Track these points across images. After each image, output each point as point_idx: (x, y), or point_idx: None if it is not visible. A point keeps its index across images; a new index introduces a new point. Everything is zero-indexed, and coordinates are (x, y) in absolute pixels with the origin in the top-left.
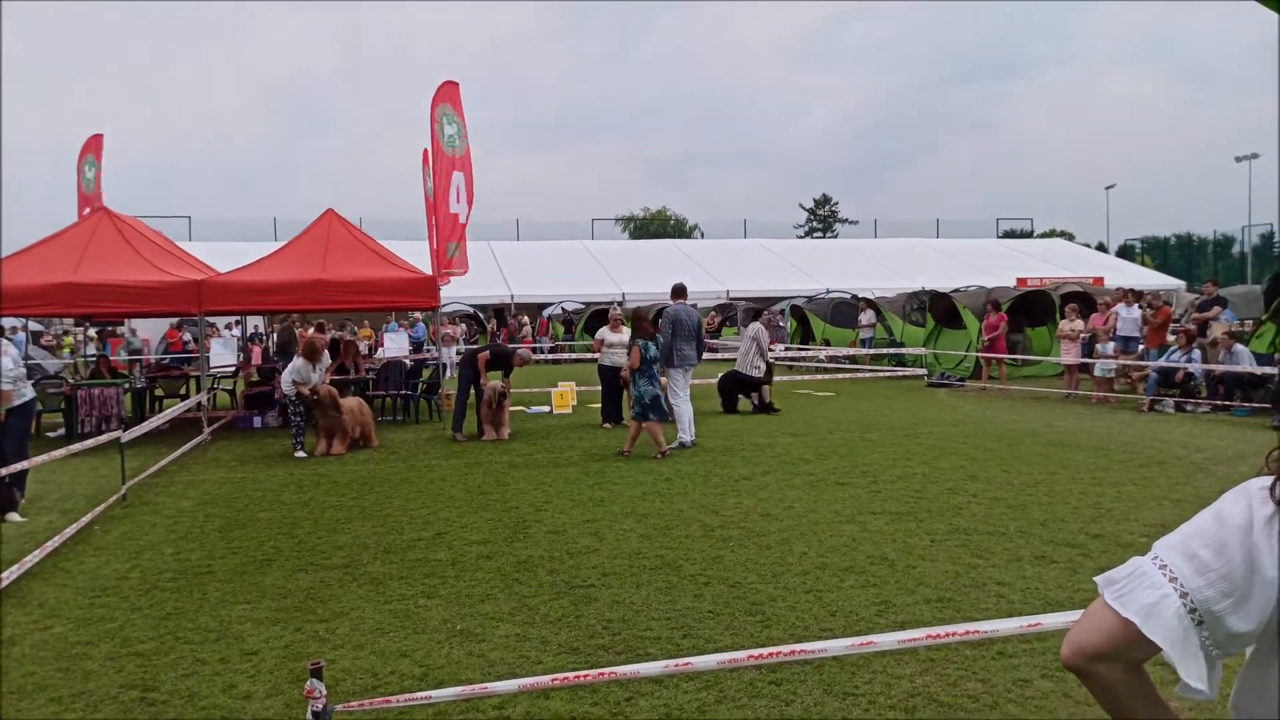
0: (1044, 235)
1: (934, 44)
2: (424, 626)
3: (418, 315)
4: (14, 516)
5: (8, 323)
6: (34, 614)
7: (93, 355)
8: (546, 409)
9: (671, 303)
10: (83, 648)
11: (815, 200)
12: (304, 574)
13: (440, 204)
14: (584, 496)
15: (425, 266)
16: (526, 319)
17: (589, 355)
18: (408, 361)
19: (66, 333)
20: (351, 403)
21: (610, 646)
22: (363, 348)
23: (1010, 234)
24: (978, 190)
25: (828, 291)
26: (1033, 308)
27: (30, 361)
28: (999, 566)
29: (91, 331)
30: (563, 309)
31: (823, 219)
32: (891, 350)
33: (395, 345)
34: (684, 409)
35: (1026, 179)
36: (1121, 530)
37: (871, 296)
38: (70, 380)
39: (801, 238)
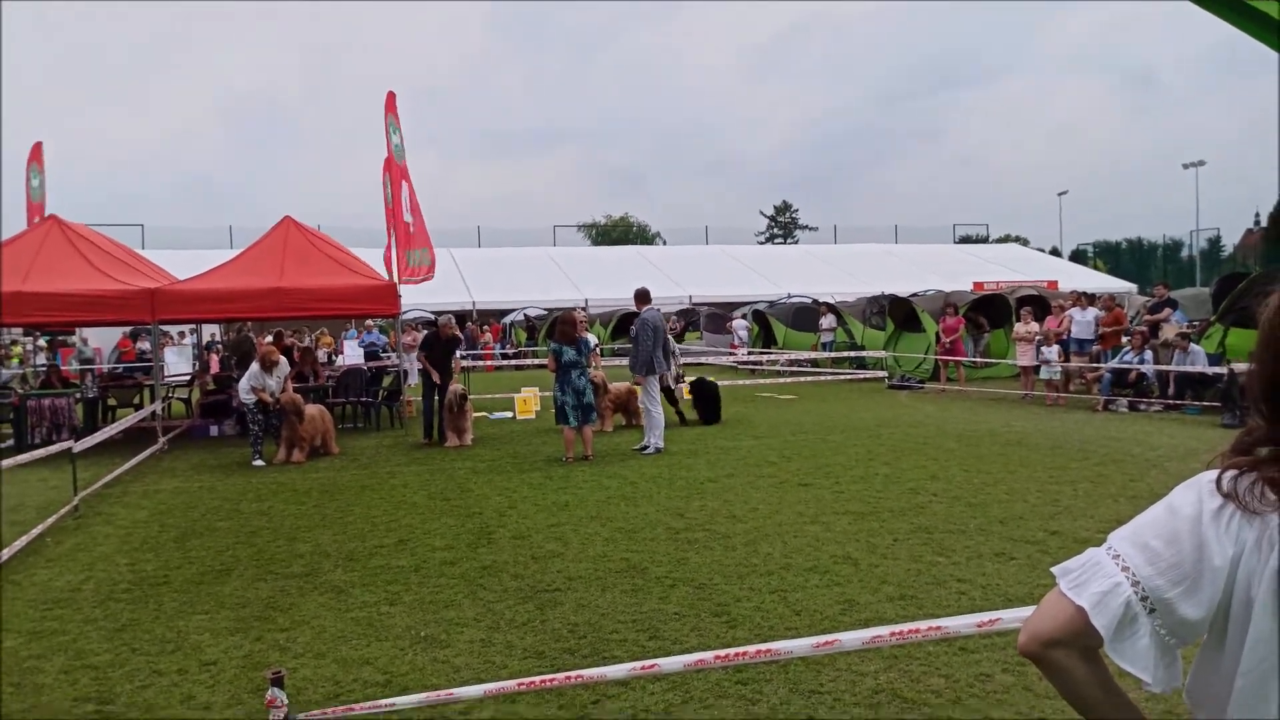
0: (999, 240)
1: (889, 56)
2: (387, 634)
3: (370, 322)
4: None
5: None
6: None
7: (43, 365)
8: (509, 414)
9: (639, 309)
10: (34, 661)
11: (776, 207)
12: (263, 583)
13: (398, 211)
14: (548, 501)
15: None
16: (486, 327)
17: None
18: (367, 368)
19: (15, 342)
20: (312, 410)
21: (576, 650)
22: (322, 355)
23: (966, 239)
24: (934, 197)
25: (789, 296)
26: (988, 311)
27: None
28: (960, 564)
29: (42, 341)
30: (525, 315)
31: (784, 226)
32: (852, 353)
33: (355, 353)
34: (658, 415)
35: (981, 186)
36: (1079, 526)
37: (832, 301)
38: (19, 390)
39: (763, 244)
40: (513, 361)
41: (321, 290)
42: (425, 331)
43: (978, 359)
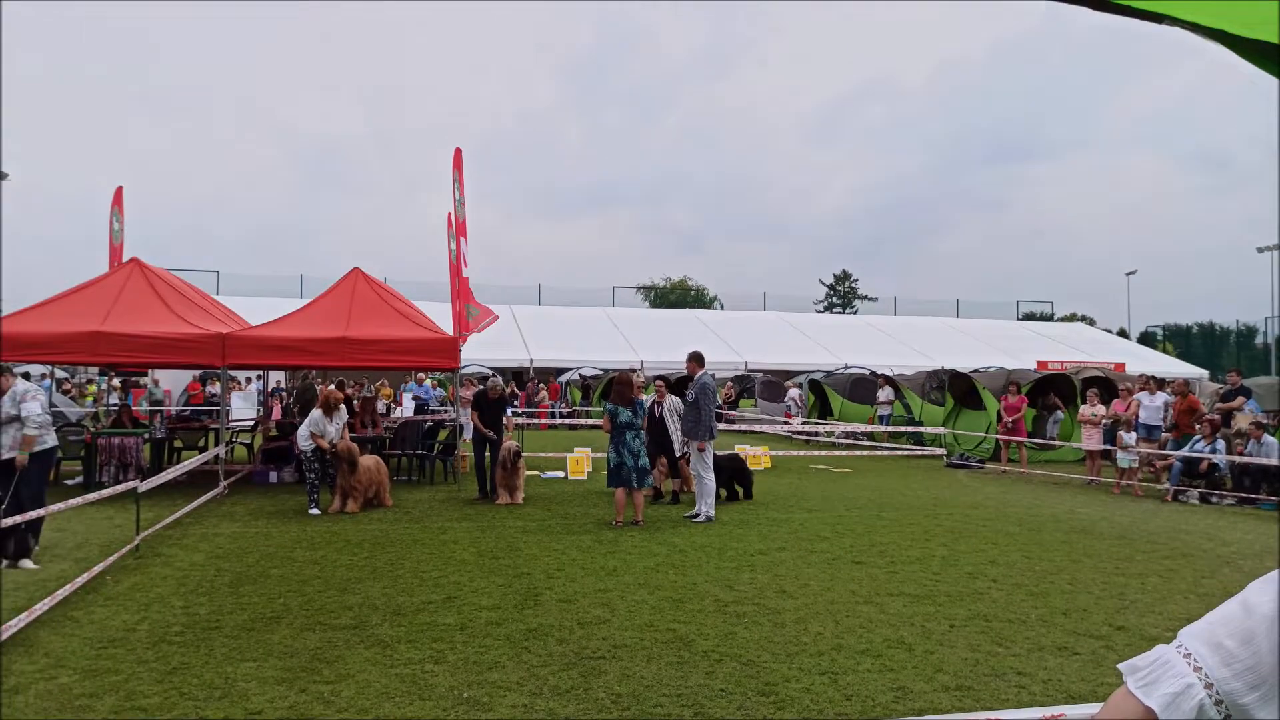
0: (1065, 319)
1: (952, 124)
2: (430, 693)
3: (421, 375)
4: (27, 563)
5: (35, 370)
6: (40, 663)
7: (115, 404)
8: (561, 474)
9: (694, 372)
10: (87, 699)
11: (835, 276)
12: (312, 633)
13: (460, 266)
14: (596, 565)
15: (449, 327)
16: (544, 384)
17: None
18: (425, 421)
19: (90, 381)
20: (368, 461)
21: None
22: (381, 406)
23: (1030, 316)
24: (998, 272)
25: (846, 367)
26: (1052, 392)
27: (53, 409)
28: (1020, 655)
29: (115, 381)
30: (580, 375)
31: (842, 295)
32: (910, 429)
33: (413, 405)
34: (710, 482)
35: (1047, 262)
36: (1146, 623)
37: (890, 374)
38: (91, 428)
39: (821, 312)
40: (566, 421)
41: (385, 341)
42: (478, 387)
43: (1051, 440)
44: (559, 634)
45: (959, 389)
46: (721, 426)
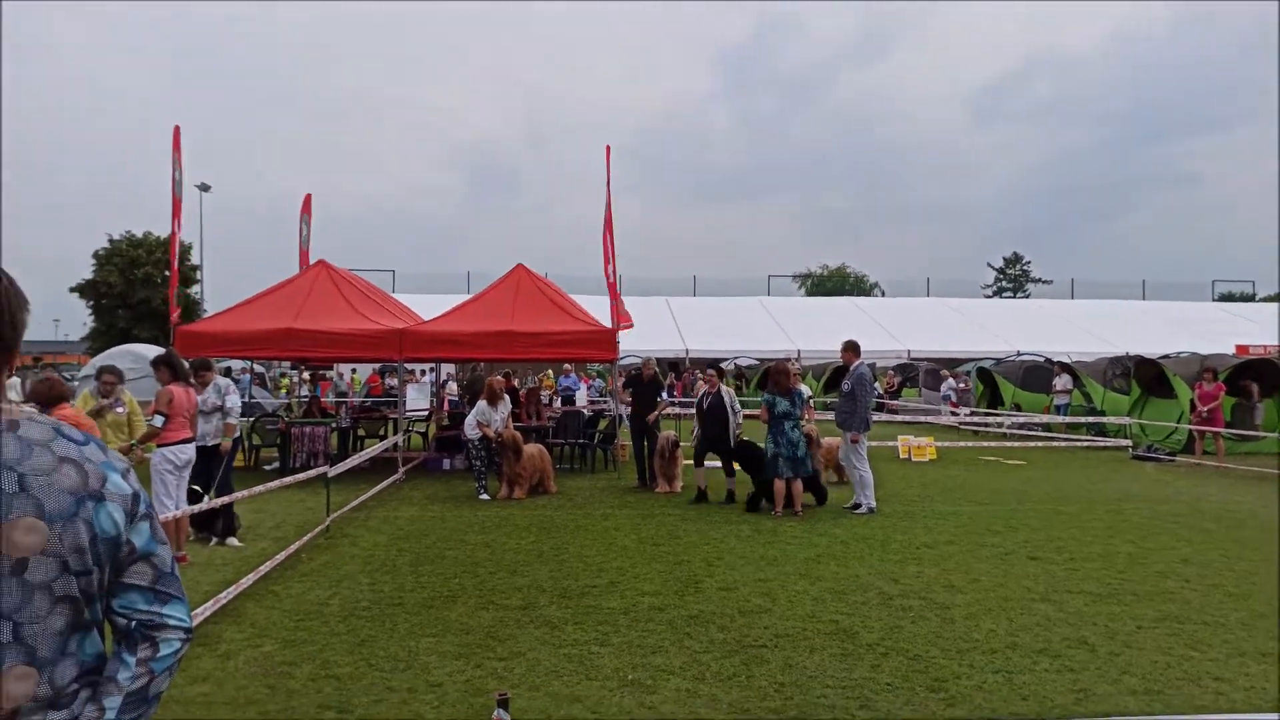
0: (1267, 299)
1: (1130, 96)
2: (597, 673)
3: (567, 367)
4: (233, 541)
5: (236, 364)
6: (247, 632)
7: (306, 396)
8: (718, 464)
9: (850, 362)
10: (287, 667)
11: (1005, 259)
12: (485, 612)
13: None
14: (756, 554)
15: (605, 319)
16: (699, 373)
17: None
18: (586, 411)
19: (284, 374)
20: (532, 449)
21: (782, 711)
22: (544, 397)
23: (1227, 297)
24: (1188, 251)
25: (1019, 354)
26: (1254, 379)
27: (252, 400)
28: (1218, 660)
29: (305, 374)
30: (735, 365)
31: (1013, 278)
32: (1091, 419)
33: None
34: (868, 474)
35: (1245, 239)
36: None
37: (1067, 360)
38: (286, 418)
39: (989, 297)
40: None
41: (548, 334)
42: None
43: (1254, 431)
44: (720, 621)
45: (1146, 376)
46: (883, 417)
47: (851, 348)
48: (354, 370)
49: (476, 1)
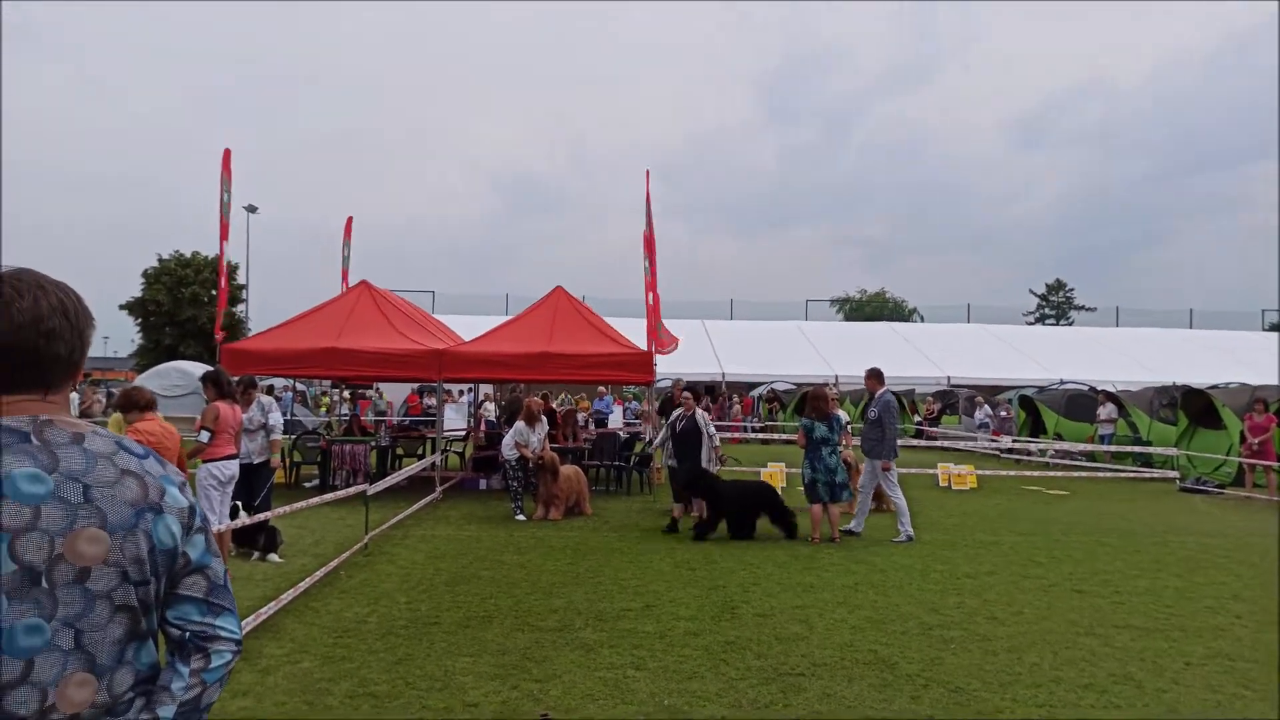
0: None
1: (1175, 124)
2: (633, 698)
3: (601, 389)
4: (274, 557)
5: (279, 383)
6: (286, 647)
7: (346, 415)
8: None
9: (875, 390)
10: (325, 684)
11: (1048, 285)
12: (521, 633)
13: (653, 284)
14: (793, 581)
15: (641, 342)
16: (736, 397)
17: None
18: (621, 433)
19: (324, 393)
20: (568, 470)
21: None
22: (581, 419)
23: (1279, 327)
24: (1237, 279)
25: (1061, 382)
26: None
27: (293, 418)
28: (1271, 700)
29: (345, 393)
30: (771, 389)
31: (1056, 305)
32: (1136, 449)
33: (613, 418)
34: (902, 500)
35: None
36: None
37: (1112, 389)
38: (326, 436)
39: (1031, 324)
40: (759, 435)
41: (585, 356)
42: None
43: None
44: (756, 648)
45: (1194, 407)
46: (921, 444)
47: (875, 375)
48: (356, 391)
49: (516, 30)
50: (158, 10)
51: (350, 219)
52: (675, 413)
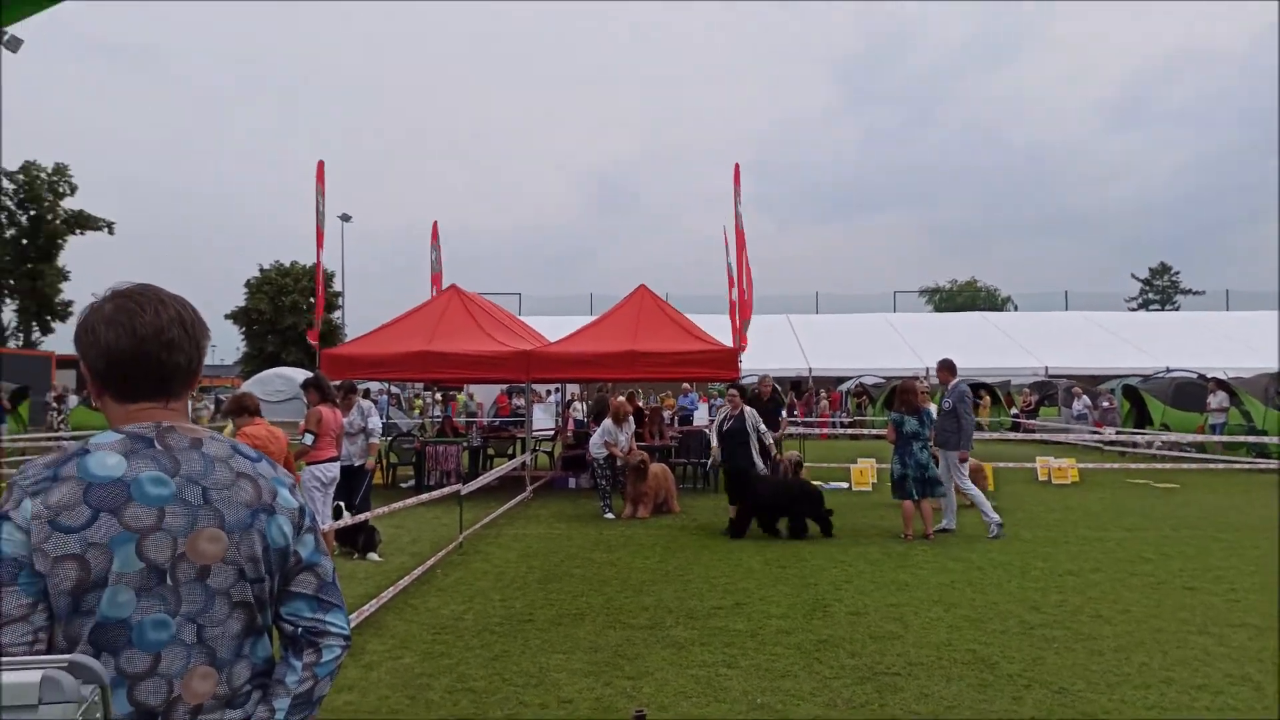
0: None
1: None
2: (725, 695)
3: (686, 386)
4: (373, 556)
5: (374, 386)
6: (388, 644)
7: (438, 417)
8: (845, 485)
9: (948, 381)
10: (426, 679)
11: (1151, 269)
12: (613, 630)
13: (739, 279)
14: (886, 579)
15: (723, 339)
16: (824, 392)
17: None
18: (707, 431)
19: (417, 396)
20: (656, 469)
21: None
22: (666, 416)
23: None
24: None
25: (1168, 370)
26: None
27: (388, 420)
28: None
29: (438, 395)
30: (860, 384)
31: (1160, 290)
32: (1250, 439)
33: (699, 416)
34: (975, 490)
35: None
36: None
37: (1223, 377)
38: (420, 438)
39: (1134, 310)
40: (847, 430)
41: (671, 354)
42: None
43: None
44: (850, 647)
45: None
46: (1018, 437)
47: (948, 366)
48: (448, 393)
49: (591, 33)
50: (251, 30)
51: (435, 224)
52: (722, 412)
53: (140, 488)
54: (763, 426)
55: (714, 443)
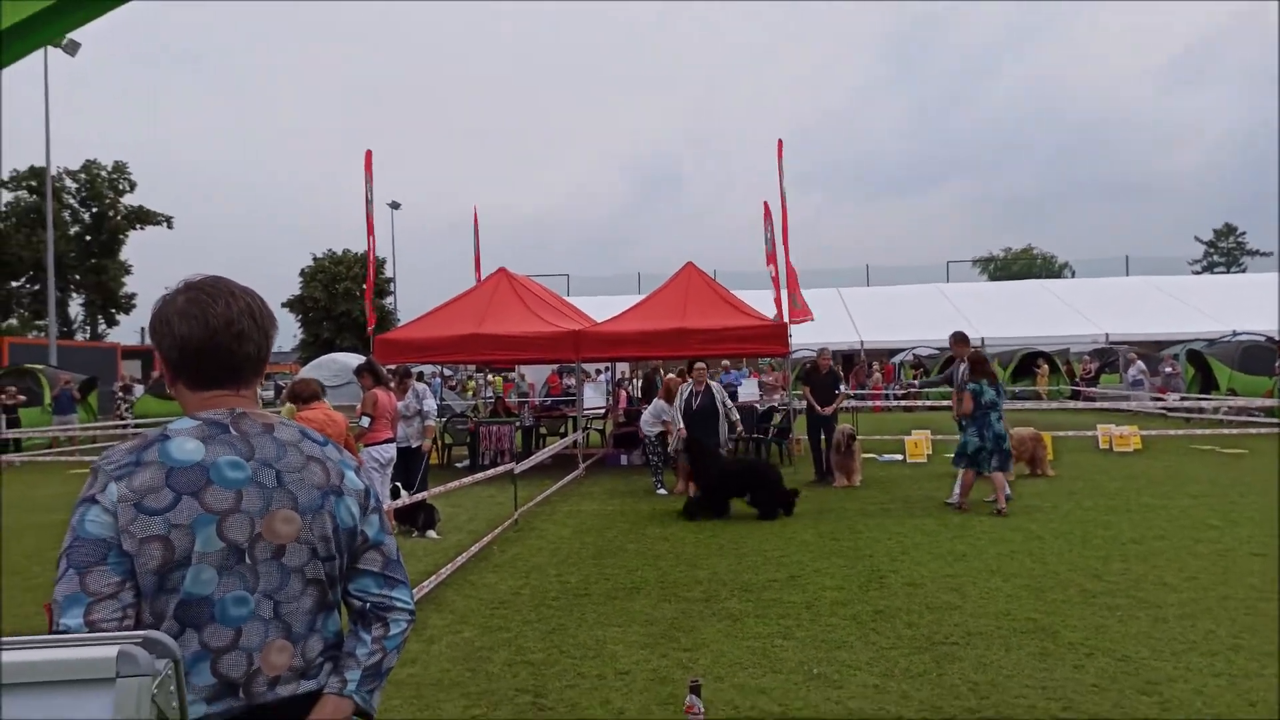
0: None
1: None
2: (781, 666)
3: (725, 363)
4: (432, 534)
5: (427, 369)
6: (448, 618)
7: (490, 397)
8: (899, 457)
9: (962, 354)
10: (485, 652)
11: (1216, 231)
12: (667, 604)
13: (783, 254)
14: (943, 549)
15: (770, 314)
16: (876, 365)
17: (944, 403)
18: (759, 406)
19: (470, 377)
20: None
21: (978, 711)
22: None
23: None
24: None
25: (1235, 334)
26: None
27: (442, 402)
28: None
29: (490, 376)
30: (914, 355)
31: (1226, 252)
32: None
33: (749, 392)
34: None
35: None
36: None
37: None
38: (473, 418)
39: (1199, 273)
40: (901, 403)
41: (720, 330)
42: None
43: None
44: (906, 617)
45: None
46: (1079, 405)
47: (962, 339)
48: (495, 374)
49: (642, 5)
50: (308, 27)
51: (475, 209)
52: (687, 388)
53: (219, 471)
54: (729, 403)
55: (679, 423)
